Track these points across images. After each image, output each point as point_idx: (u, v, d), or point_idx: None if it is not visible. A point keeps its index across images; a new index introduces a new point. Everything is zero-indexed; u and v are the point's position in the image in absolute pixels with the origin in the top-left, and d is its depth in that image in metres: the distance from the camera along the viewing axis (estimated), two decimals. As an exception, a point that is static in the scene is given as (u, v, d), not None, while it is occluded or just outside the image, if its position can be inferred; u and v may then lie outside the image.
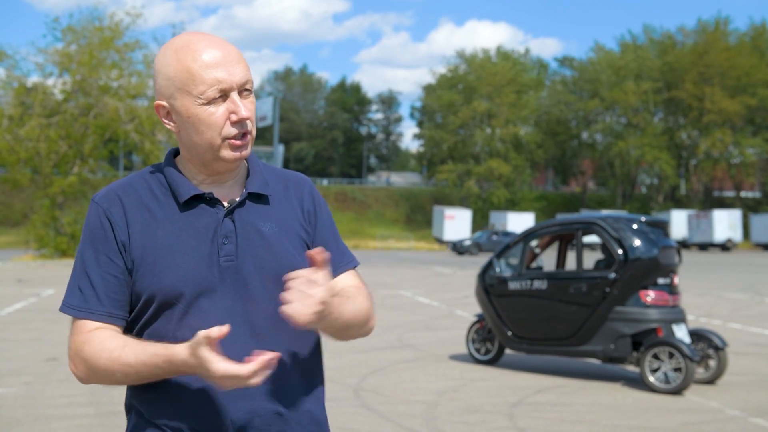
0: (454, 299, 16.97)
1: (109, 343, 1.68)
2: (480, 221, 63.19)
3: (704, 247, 53.81)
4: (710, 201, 70.54)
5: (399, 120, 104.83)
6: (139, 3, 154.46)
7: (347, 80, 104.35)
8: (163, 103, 1.76)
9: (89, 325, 1.72)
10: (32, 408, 6.76)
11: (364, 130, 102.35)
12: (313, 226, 1.89)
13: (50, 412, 6.61)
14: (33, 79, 33.42)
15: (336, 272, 1.88)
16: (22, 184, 32.49)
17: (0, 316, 13.20)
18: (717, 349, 8.05)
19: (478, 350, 9.42)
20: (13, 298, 16.00)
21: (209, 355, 1.55)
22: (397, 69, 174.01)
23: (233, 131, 1.73)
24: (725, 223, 52.61)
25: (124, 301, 1.74)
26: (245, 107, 1.72)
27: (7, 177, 32.66)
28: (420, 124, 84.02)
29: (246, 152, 1.77)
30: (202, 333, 1.54)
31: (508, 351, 9.72)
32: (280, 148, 52.26)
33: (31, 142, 30.66)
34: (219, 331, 1.53)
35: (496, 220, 57.47)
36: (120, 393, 7.19)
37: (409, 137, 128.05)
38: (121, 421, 6.27)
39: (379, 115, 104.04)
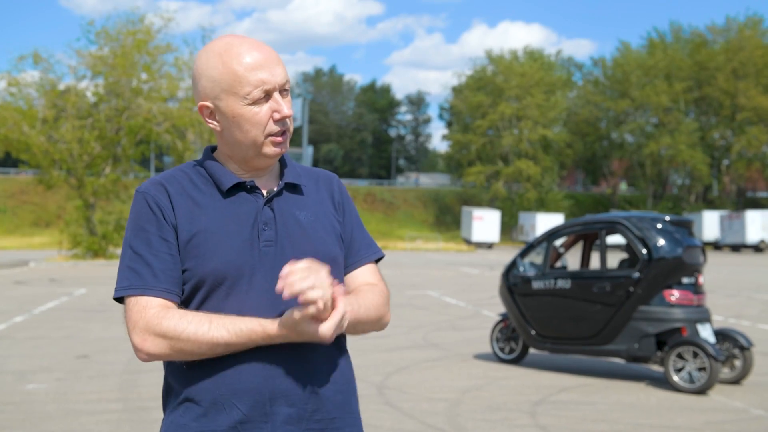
0: (481, 299, 16.98)
1: (190, 318, 1.76)
2: (509, 222, 62.95)
3: (737, 248, 53.12)
4: (743, 201, 69.62)
5: (428, 121, 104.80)
6: (173, 7, 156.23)
7: (378, 82, 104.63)
8: (208, 103, 1.87)
9: (153, 301, 1.79)
10: (63, 403, 6.91)
11: (393, 131, 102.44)
12: (342, 218, 2.01)
13: (80, 407, 6.76)
14: (66, 82, 33.92)
15: (358, 264, 2.01)
16: (56, 185, 32.98)
17: (33, 314, 13.45)
18: (742, 348, 8.01)
19: (502, 349, 9.45)
20: (45, 297, 16.29)
21: (313, 326, 1.72)
22: (429, 71, 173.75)
23: (275, 128, 1.85)
24: (758, 224, 51.85)
25: (178, 278, 1.83)
26: (286, 106, 1.85)
27: (42, 178, 33.17)
28: (449, 125, 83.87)
29: (285, 148, 1.90)
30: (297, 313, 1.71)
31: (532, 350, 9.74)
32: (310, 150, 52.51)
33: (65, 144, 31.14)
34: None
35: (525, 221, 57.20)
36: (148, 389, 7.34)
37: (438, 138, 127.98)
38: (149, 416, 6.42)
39: (408, 117, 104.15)
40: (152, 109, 31.17)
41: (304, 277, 1.66)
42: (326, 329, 1.71)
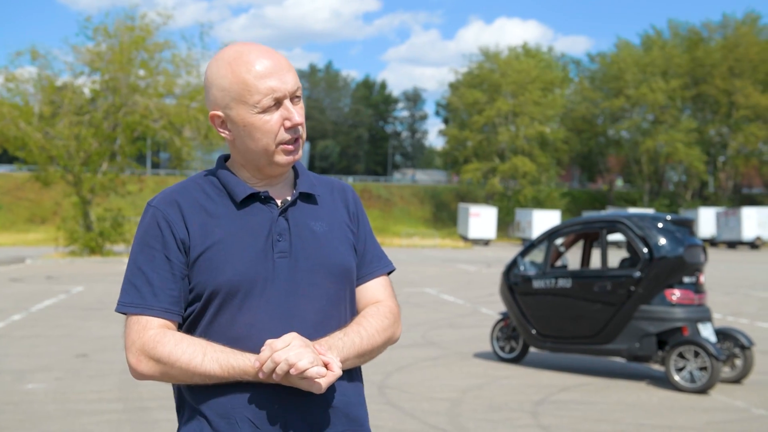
0: (479, 297, 16.97)
1: (185, 347, 1.75)
2: (505, 219, 62.95)
3: (733, 245, 53.19)
4: (739, 198, 69.71)
5: (424, 117, 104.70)
6: (171, 3, 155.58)
7: (374, 78, 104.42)
8: (219, 113, 1.85)
9: (152, 321, 1.78)
10: (63, 403, 6.89)
11: (389, 128, 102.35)
12: (356, 228, 1.99)
13: (80, 407, 6.73)
14: (63, 78, 33.78)
15: (370, 276, 2.00)
16: (53, 182, 32.89)
17: (30, 312, 13.41)
18: (743, 348, 8.01)
19: (502, 348, 9.44)
20: (43, 295, 16.24)
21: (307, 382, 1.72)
22: (426, 67, 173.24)
23: (287, 137, 1.82)
24: (754, 221, 51.90)
25: (179, 298, 1.82)
26: (297, 113, 1.82)
27: (38, 175, 33.07)
28: (445, 122, 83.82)
29: (298, 155, 1.87)
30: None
31: (532, 349, 9.72)
32: (306, 146, 52.51)
33: (61, 140, 31.04)
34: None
35: (522, 218, 57.19)
36: (148, 389, 7.31)
37: (434, 134, 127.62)
38: (149, 416, 6.39)
39: (404, 113, 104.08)
40: (149, 105, 31.10)
41: (299, 354, 1.66)
42: (324, 385, 1.70)
